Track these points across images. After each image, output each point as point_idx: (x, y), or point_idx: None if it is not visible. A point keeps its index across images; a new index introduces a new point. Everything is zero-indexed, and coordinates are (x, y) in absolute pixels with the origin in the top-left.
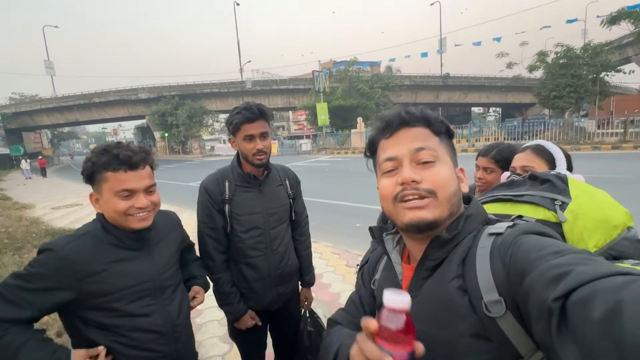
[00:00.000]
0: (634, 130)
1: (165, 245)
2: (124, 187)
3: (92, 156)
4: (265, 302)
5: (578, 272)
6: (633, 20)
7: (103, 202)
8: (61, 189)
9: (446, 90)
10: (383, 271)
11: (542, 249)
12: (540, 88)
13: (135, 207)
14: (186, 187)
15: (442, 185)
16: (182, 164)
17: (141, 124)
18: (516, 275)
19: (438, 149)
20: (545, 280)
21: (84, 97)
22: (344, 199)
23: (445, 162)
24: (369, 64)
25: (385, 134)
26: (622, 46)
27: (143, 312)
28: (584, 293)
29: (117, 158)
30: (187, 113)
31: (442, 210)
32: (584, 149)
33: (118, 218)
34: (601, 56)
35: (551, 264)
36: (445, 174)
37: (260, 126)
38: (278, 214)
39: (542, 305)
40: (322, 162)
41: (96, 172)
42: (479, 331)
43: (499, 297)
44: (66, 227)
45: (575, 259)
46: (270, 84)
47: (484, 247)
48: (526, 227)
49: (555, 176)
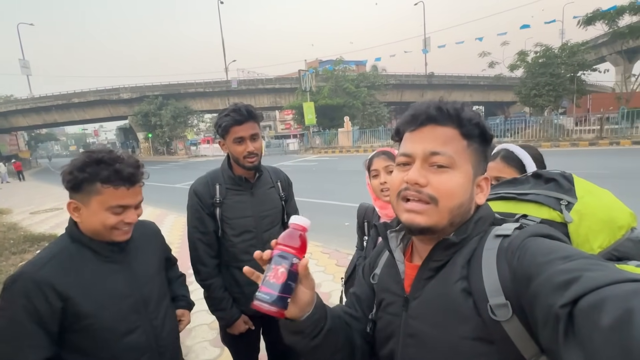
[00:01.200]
0: (609, 127)
1: (145, 256)
2: (120, 203)
3: (84, 165)
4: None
5: (587, 278)
6: (607, 21)
7: (88, 213)
8: (40, 192)
9: (431, 89)
10: (384, 267)
11: (550, 252)
12: (521, 87)
13: (124, 222)
14: (172, 189)
15: (446, 194)
16: (167, 165)
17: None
18: (523, 279)
19: (458, 155)
20: (553, 286)
21: (63, 98)
22: (333, 198)
23: (462, 171)
24: (354, 63)
25: (410, 127)
26: (597, 46)
27: (127, 329)
28: (592, 299)
29: (118, 174)
30: (171, 113)
31: (440, 219)
32: (563, 146)
33: (102, 231)
34: (578, 55)
35: (559, 269)
36: (455, 184)
37: (249, 128)
38: (270, 216)
39: (549, 311)
40: (310, 162)
41: (87, 182)
42: (482, 334)
43: (506, 300)
44: (46, 233)
45: (584, 265)
46: (256, 83)
47: (491, 249)
48: (534, 229)
49: (560, 175)
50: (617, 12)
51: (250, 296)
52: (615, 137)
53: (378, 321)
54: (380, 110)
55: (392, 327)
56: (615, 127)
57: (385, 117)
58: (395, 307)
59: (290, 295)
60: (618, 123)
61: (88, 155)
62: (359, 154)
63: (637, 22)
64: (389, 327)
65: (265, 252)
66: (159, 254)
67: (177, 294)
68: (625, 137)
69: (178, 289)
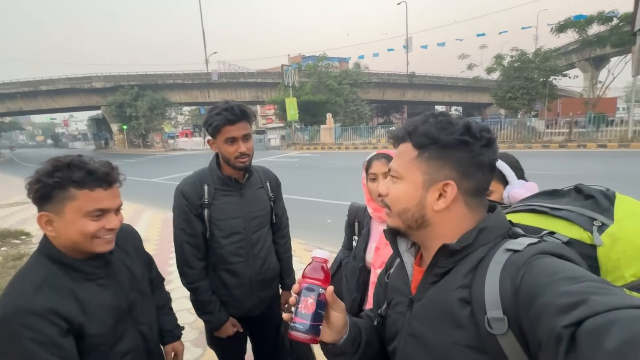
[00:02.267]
0: (577, 131)
1: (127, 264)
2: (98, 206)
3: (53, 170)
4: (247, 308)
5: (594, 302)
6: (578, 29)
7: (63, 224)
8: (4, 185)
9: (412, 89)
10: (397, 268)
11: (555, 273)
12: (497, 89)
13: (105, 228)
14: (148, 184)
15: (392, 201)
16: (143, 158)
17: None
18: (525, 298)
19: (405, 168)
20: (558, 307)
21: (30, 85)
22: (315, 195)
23: (408, 181)
24: (337, 59)
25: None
26: (568, 53)
27: (116, 338)
28: (597, 322)
29: (92, 174)
30: (147, 105)
31: (396, 221)
32: (535, 147)
33: (83, 242)
34: (550, 61)
35: (564, 290)
36: (399, 192)
37: (242, 128)
38: (259, 217)
39: (551, 332)
40: (292, 158)
41: (59, 188)
42: (474, 343)
43: (503, 315)
44: (12, 228)
45: (591, 288)
46: (237, 76)
47: (498, 263)
48: (544, 246)
49: (600, 192)
50: (586, 21)
51: (239, 298)
52: (582, 140)
53: (387, 319)
54: (363, 108)
55: (398, 325)
56: (582, 131)
57: (367, 115)
58: (401, 307)
59: (321, 322)
60: (585, 127)
61: (55, 160)
62: (340, 151)
63: (604, 31)
64: (395, 325)
65: (294, 286)
66: (141, 258)
67: (168, 328)
68: (592, 140)
69: (165, 323)
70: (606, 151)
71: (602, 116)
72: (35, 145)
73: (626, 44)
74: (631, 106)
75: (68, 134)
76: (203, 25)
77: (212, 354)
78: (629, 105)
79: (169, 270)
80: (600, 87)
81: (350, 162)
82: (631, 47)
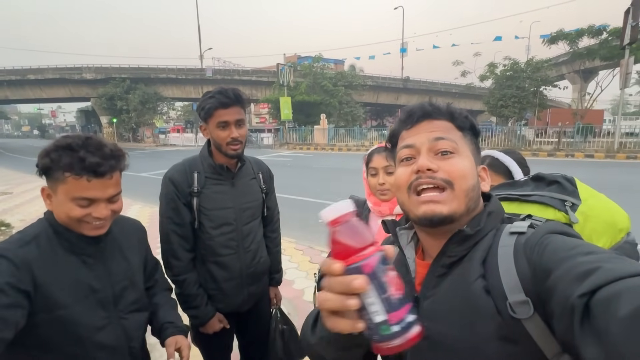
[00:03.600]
0: (566, 140)
1: (124, 255)
2: (83, 195)
3: (52, 150)
4: (236, 303)
5: (605, 270)
6: (569, 41)
7: (57, 202)
8: None
9: (406, 93)
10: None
11: (572, 248)
12: (489, 97)
13: (92, 215)
14: (136, 178)
15: (460, 176)
16: (132, 152)
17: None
18: (543, 274)
19: (459, 142)
20: (571, 277)
21: (16, 73)
22: (306, 194)
23: (466, 156)
24: (333, 61)
25: (406, 125)
26: (559, 64)
27: (95, 326)
28: (610, 290)
29: (81, 162)
30: (139, 98)
31: (459, 204)
32: (525, 155)
33: (70, 223)
34: (541, 72)
35: (578, 261)
36: (465, 166)
37: (235, 112)
38: (251, 209)
39: (565, 302)
40: (284, 157)
41: (53, 169)
42: (505, 333)
43: (526, 297)
44: None
45: (602, 258)
46: (232, 73)
47: (507, 246)
48: (550, 226)
49: (563, 178)
50: (577, 34)
51: (228, 293)
52: (570, 149)
53: None
54: (357, 110)
55: None
56: (570, 141)
57: (361, 117)
58: None
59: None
60: (573, 137)
61: (60, 139)
62: (334, 152)
63: (594, 44)
64: None
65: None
66: (141, 255)
67: (163, 321)
68: (579, 150)
69: (166, 315)
70: (593, 161)
71: (590, 127)
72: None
73: (614, 58)
74: (618, 118)
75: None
76: (199, 21)
77: (197, 351)
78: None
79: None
80: (589, 99)
81: (342, 163)
82: (619, 61)
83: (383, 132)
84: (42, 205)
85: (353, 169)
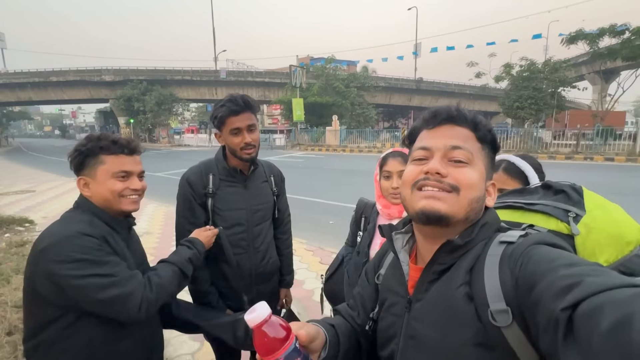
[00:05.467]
0: (585, 143)
1: (136, 245)
2: (123, 168)
3: (86, 141)
4: (244, 301)
5: (588, 283)
6: (589, 41)
7: (96, 185)
8: (10, 173)
9: (419, 94)
10: (389, 268)
11: (553, 260)
12: (504, 98)
13: (130, 188)
14: (152, 177)
15: (467, 185)
16: (148, 152)
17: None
18: (525, 286)
19: (475, 153)
20: (554, 291)
21: (40, 75)
22: (318, 196)
23: (478, 169)
24: (346, 62)
25: (428, 125)
26: (578, 64)
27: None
28: (592, 304)
29: (116, 143)
30: (155, 99)
31: (459, 209)
32: (541, 158)
33: (112, 199)
34: (559, 72)
35: (561, 274)
36: (474, 177)
37: (246, 118)
38: (262, 210)
39: (549, 316)
40: (296, 158)
41: (90, 156)
42: (483, 340)
43: (506, 306)
44: (16, 216)
45: (585, 271)
46: (245, 75)
47: (494, 255)
48: (538, 237)
49: (570, 187)
50: (598, 33)
51: (238, 290)
52: (589, 152)
53: (381, 321)
54: (369, 111)
55: (395, 328)
56: (589, 143)
57: (373, 118)
58: (398, 308)
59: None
60: (592, 139)
61: (88, 136)
62: (345, 153)
63: (615, 44)
64: (391, 328)
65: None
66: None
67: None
68: (599, 153)
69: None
70: (613, 164)
71: (611, 129)
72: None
73: (637, 58)
74: None
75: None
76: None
77: (209, 348)
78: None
79: None
80: (610, 100)
81: (354, 165)
82: None
83: (395, 134)
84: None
85: (364, 170)
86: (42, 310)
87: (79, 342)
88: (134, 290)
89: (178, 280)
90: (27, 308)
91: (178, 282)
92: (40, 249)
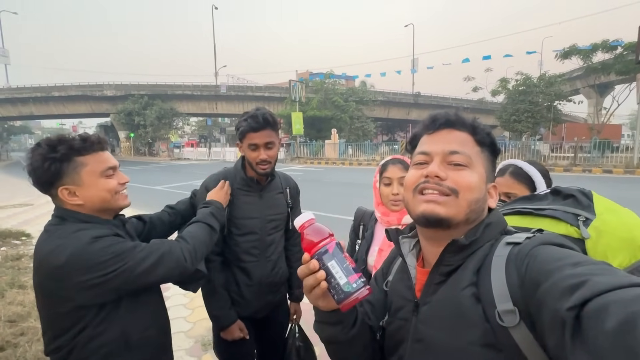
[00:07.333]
0: (582, 155)
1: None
2: (108, 165)
3: (50, 150)
4: (252, 308)
5: (594, 283)
6: (582, 56)
7: (85, 190)
8: (8, 186)
9: (417, 108)
10: (397, 273)
11: (559, 259)
12: (501, 112)
13: (119, 183)
14: (151, 191)
15: (466, 187)
16: (147, 166)
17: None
18: (531, 285)
19: (474, 157)
20: (560, 290)
21: (42, 90)
22: (317, 208)
23: (477, 171)
24: (345, 77)
25: (428, 130)
26: (573, 79)
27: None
28: (598, 303)
29: (87, 141)
30: (156, 114)
31: (459, 211)
32: None
33: (110, 198)
34: (555, 86)
35: (567, 273)
36: (473, 179)
37: (265, 136)
38: (275, 221)
39: (555, 315)
40: (296, 171)
41: (66, 161)
42: (490, 341)
43: (513, 306)
44: (13, 229)
45: (592, 270)
46: (245, 90)
47: (500, 256)
48: (545, 237)
49: (579, 191)
50: (591, 50)
51: (247, 297)
52: (587, 164)
53: (388, 326)
54: (367, 125)
55: (402, 332)
56: (587, 156)
57: (372, 132)
58: (405, 312)
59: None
60: (590, 152)
61: (46, 140)
62: (344, 166)
63: (609, 59)
64: (399, 333)
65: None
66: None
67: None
68: (597, 165)
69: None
70: (612, 177)
71: (607, 142)
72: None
73: (630, 72)
74: (636, 133)
75: None
76: (215, 40)
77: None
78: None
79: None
80: (605, 114)
81: (353, 178)
82: (635, 75)
83: (394, 147)
84: None
85: (363, 183)
86: (76, 315)
87: (113, 336)
88: (171, 247)
89: (206, 231)
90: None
91: (207, 233)
92: (60, 265)
